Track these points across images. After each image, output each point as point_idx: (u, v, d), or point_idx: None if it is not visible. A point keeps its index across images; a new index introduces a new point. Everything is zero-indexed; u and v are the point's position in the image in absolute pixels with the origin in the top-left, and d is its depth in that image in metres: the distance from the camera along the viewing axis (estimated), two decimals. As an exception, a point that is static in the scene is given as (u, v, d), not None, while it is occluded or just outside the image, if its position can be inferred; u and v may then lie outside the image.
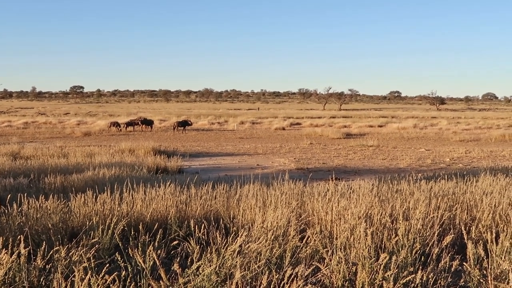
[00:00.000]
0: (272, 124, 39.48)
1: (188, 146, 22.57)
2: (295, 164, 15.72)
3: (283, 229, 4.79)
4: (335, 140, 26.65)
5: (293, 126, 39.85)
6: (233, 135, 30.43)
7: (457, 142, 25.65)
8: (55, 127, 35.26)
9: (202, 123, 40.01)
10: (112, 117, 47.99)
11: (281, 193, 6.40)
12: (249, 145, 23.62)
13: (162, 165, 13.17)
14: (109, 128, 32.72)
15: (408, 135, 30.19)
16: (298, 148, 21.93)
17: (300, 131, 33.98)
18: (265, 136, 29.74)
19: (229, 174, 12.16)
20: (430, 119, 49.36)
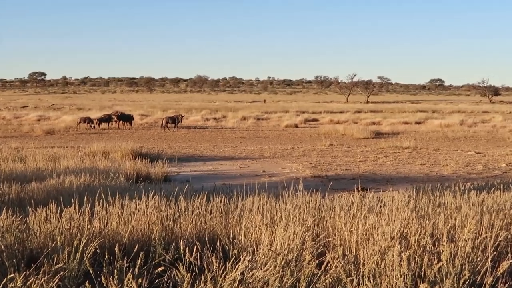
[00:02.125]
0: (282, 121, 39.56)
1: (177, 148, 22.61)
2: (311, 171, 15.71)
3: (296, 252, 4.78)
4: (361, 141, 26.61)
5: (309, 123, 39.89)
6: (233, 134, 30.47)
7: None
8: (9, 124, 35.48)
9: (194, 119, 40.14)
10: (81, 111, 48.22)
11: (294, 207, 6.39)
12: (253, 146, 23.63)
13: (143, 172, 13.18)
14: (79, 125, 32.86)
15: (453, 134, 30.13)
16: (315, 150, 21.92)
17: (317, 129, 33.99)
18: (273, 136, 29.76)
19: (228, 183, 12.17)
20: (480, 114, 49.29)
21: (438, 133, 30.71)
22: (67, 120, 36.46)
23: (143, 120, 38.86)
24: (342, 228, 5.48)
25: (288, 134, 30.94)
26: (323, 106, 63.69)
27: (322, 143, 23.96)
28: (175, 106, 60.48)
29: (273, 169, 16.34)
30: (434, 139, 27.78)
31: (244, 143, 25.52)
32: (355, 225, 5.37)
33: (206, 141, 26.25)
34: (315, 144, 24.70)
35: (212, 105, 65.62)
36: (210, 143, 25.37)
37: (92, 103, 67.98)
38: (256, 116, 44.10)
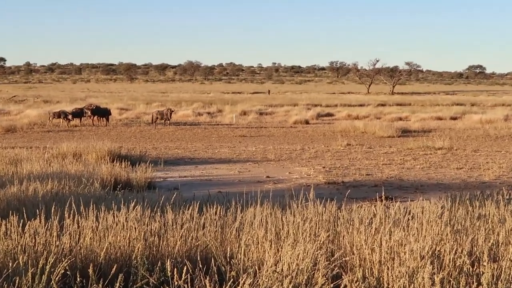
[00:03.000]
0: (290, 116, 39.58)
1: (163, 148, 22.63)
2: (324, 176, 15.71)
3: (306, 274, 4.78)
4: (386, 140, 26.61)
5: (322, 119, 39.90)
6: (231, 131, 30.50)
7: None
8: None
9: (184, 113, 40.18)
10: (48, 104, 48.31)
11: (304, 220, 6.39)
12: (254, 147, 23.65)
13: (123, 178, 13.17)
14: (51, 120, 32.89)
15: (496, 132, 30.09)
16: (329, 151, 21.93)
17: (332, 125, 34.00)
18: (279, 134, 29.78)
19: (224, 190, 12.17)
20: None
21: (478, 131, 30.68)
22: (31, 115, 36.49)
23: (123, 115, 38.91)
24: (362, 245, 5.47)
25: (297, 132, 30.93)
26: (339, 98, 63.72)
27: (338, 142, 23.94)
28: (161, 98, 60.60)
29: (279, 174, 16.34)
30: (473, 137, 27.75)
31: (244, 142, 25.53)
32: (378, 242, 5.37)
33: (198, 140, 26.25)
34: (329, 144, 24.68)
35: (205, 97, 65.67)
36: (203, 142, 25.39)
37: (61, 94, 68.08)
38: (259, 110, 44.10)
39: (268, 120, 38.69)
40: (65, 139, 23.94)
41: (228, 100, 55.66)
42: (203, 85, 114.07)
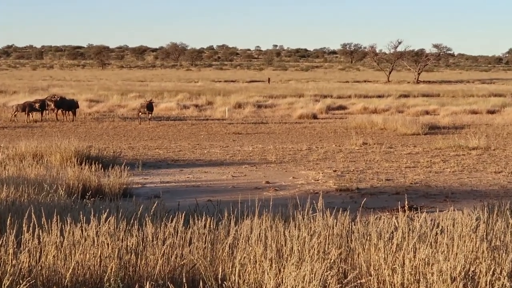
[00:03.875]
0: (295, 109, 39.51)
1: (141, 148, 22.62)
2: (335, 182, 15.71)
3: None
4: (409, 138, 26.62)
5: (333, 112, 39.89)
6: (223, 128, 30.49)
7: None
8: None
9: (166, 106, 40.13)
10: (2, 95, 48.21)
11: (311, 234, 6.39)
12: (251, 146, 23.64)
13: (93, 183, 13.15)
14: (14, 115, 32.81)
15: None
16: (342, 151, 21.93)
17: (345, 121, 33.99)
18: (282, 131, 29.77)
19: (215, 199, 12.15)
20: None
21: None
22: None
23: (93, 107, 38.83)
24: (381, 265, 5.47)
25: (303, 128, 30.91)
26: (353, 88, 63.70)
27: (352, 141, 23.94)
28: (138, 87, 60.49)
29: (281, 179, 16.33)
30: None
31: (239, 141, 25.52)
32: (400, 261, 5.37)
33: (183, 139, 26.22)
34: (342, 142, 24.67)
35: (192, 86, 65.61)
36: (190, 141, 25.36)
37: (18, 83, 67.96)
38: (257, 103, 44.04)
39: (268, 114, 38.64)
40: (24, 137, 23.88)
41: (220, 90, 55.62)
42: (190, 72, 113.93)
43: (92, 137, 26.26)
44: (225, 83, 77.72)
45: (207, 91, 53.94)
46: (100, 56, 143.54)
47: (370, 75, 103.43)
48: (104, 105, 40.49)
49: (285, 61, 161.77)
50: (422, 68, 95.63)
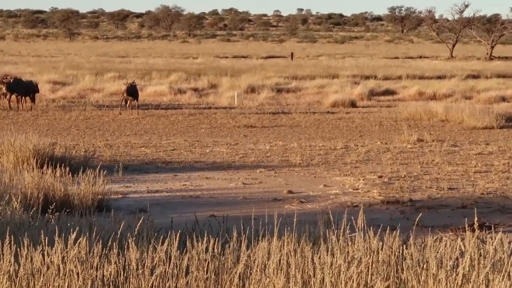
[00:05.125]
0: (326, 94, 39.39)
1: (122, 146, 22.63)
2: (381, 191, 15.64)
3: None
4: (480, 133, 26.50)
5: (377, 99, 39.77)
6: (231, 119, 30.46)
7: None
8: None
9: (156, 90, 40.14)
10: None
11: (348, 262, 6.35)
12: (269, 143, 23.60)
13: (58, 193, 13.13)
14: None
15: None
16: (389, 151, 21.85)
17: (393, 109, 33.88)
18: (309, 123, 29.71)
19: (221, 213, 12.14)
20: None
21: None
22: None
23: (57, 92, 38.91)
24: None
25: (337, 119, 30.84)
26: (405, 66, 63.56)
27: (404, 137, 23.84)
28: (118, 65, 60.60)
29: (308, 188, 16.27)
30: None
31: (252, 137, 25.50)
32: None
33: (178, 134, 26.22)
34: (389, 139, 24.59)
35: (190, 63, 65.65)
36: (187, 136, 25.35)
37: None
38: (276, 86, 43.99)
39: (291, 100, 38.61)
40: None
41: (227, 69, 55.56)
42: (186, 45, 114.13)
43: (56, 131, 26.30)
44: (233, 59, 77.82)
45: (210, 70, 53.94)
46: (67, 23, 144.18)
47: (427, 49, 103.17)
48: (72, 88, 40.56)
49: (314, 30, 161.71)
50: (496, 40, 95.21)
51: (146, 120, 30.23)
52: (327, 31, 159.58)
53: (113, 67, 57.42)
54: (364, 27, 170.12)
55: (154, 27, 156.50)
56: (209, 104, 36.33)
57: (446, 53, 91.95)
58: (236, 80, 45.36)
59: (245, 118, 30.65)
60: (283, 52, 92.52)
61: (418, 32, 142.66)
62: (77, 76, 47.36)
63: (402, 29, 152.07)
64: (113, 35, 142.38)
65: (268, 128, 27.91)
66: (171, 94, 39.54)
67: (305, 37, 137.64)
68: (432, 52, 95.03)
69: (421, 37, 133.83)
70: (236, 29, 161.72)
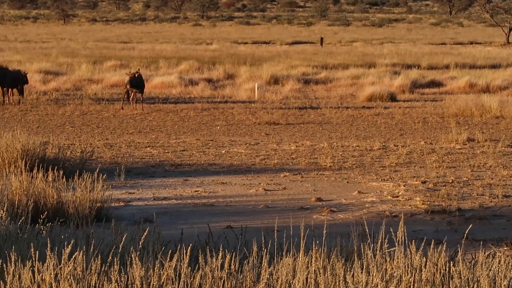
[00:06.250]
0: (362, 86, 39.30)
1: (124, 146, 22.66)
2: (424, 199, 15.62)
3: None
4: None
5: (421, 91, 39.62)
6: (251, 115, 30.43)
7: None
8: None
9: (163, 80, 40.11)
10: None
11: (386, 281, 6.36)
12: (294, 143, 23.59)
13: (50, 200, 13.17)
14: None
15: None
16: (435, 152, 21.80)
17: (439, 104, 33.81)
18: (341, 119, 29.67)
19: (238, 224, 12.13)
20: None
21: None
22: None
23: (49, 83, 38.96)
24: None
25: (374, 115, 30.79)
26: (453, 53, 63.35)
27: (452, 136, 23.79)
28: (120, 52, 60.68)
29: (340, 195, 16.27)
30: None
31: (275, 135, 25.49)
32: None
33: (190, 132, 26.24)
34: (435, 138, 24.53)
35: (203, 50, 65.62)
36: (200, 135, 25.37)
37: None
38: (303, 76, 43.92)
39: (321, 93, 38.57)
40: None
41: (246, 56, 55.59)
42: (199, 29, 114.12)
43: (48, 128, 26.38)
44: (253, 45, 77.82)
45: (226, 58, 53.94)
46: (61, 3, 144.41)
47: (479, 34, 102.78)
48: (67, 79, 40.63)
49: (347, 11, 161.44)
50: None
51: (152, 116, 30.26)
52: (362, 12, 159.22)
53: (114, 54, 57.52)
54: (406, 7, 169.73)
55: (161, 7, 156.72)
56: (225, 98, 36.30)
57: (501, 38, 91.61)
58: (256, 69, 45.36)
59: (267, 113, 30.63)
60: (311, 37, 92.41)
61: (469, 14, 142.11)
62: (72, 65, 47.49)
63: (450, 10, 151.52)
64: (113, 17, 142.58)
65: (294, 126, 27.89)
66: (181, 85, 39.51)
67: (337, 19, 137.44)
68: (485, 37, 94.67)
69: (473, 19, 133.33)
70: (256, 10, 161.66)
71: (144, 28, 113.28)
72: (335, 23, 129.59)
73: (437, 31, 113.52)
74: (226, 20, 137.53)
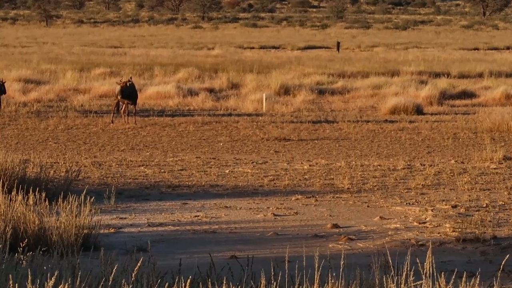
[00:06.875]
0: (384, 97, 39.29)
1: (115, 165, 22.71)
2: (455, 226, 15.62)
3: None
4: None
5: (451, 103, 39.65)
6: (259, 130, 30.46)
7: None
8: None
9: (158, 90, 40.15)
10: None
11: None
12: (308, 162, 23.62)
13: (31, 226, 13.20)
14: None
15: None
16: (467, 172, 21.80)
17: (472, 117, 33.84)
18: (361, 135, 29.69)
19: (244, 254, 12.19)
20: None
21: None
22: None
23: (30, 93, 39.02)
24: None
25: (398, 130, 30.81)
26: (487, 60, 63.35)
27: (485, 154, 23.81)
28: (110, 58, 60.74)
29: (360, 221, 16.30)
30: None
31: (285, 153, 25.53)
32: None
33: (189, 149, 26.28)
34: (467, 156, 24.55)
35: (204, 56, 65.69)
36: (200, 152, 25.40)
37: None
38: (317, 86, 43.98)
39: (337, 105, 38.63)
40: None
41: (253, 63, 55.63)
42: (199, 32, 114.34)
43: (29, 145, 26.45)
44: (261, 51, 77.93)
45: (230, 65, 53.99)
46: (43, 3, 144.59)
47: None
48: (49, 89, 40.70)
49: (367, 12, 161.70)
50: None
51: (146, 130, 30.32)
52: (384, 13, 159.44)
53: (102, 60, 57.64)
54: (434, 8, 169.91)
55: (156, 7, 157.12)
56: (229, 110, 36.37)
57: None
58: (264, 78, 45.43)
59: (276, 128, 30.70)
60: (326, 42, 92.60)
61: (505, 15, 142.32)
62: (55, 73, 47.60)
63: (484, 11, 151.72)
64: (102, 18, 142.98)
65: (307, 142, 27.94)
66: (179, 96, 39.59)
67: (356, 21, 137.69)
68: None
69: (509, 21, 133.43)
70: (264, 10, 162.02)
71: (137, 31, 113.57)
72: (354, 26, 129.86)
73: (469, 34, 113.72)
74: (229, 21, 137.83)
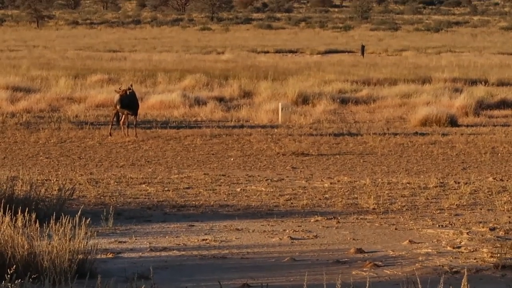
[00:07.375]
0: (413, 107, 39.37)
1: (113, 183, 22.73)
2: (493, 251, 15.57)
3: None
4: None
5: (488, 114, 39.74)
6: (274, 143, 30.53)
7: None
8: None
9: (162, 100, 40.21)
10: None
11: None
12: (328, 179, 23.62)
13: (20, 251, 13.20)
14: None
15: None
16: (506, 190, 21.76)
17: (510, 129, 33.84)
18: (387, 149, 29.74)
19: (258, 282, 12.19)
20: None
21: None
22: None
23: (19, 103, 39.17)
24: None
25: (429, 144, 30.84)
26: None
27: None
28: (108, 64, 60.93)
29: (387, 245, 16.28)
30: None
31: (303, 169, 25.55)
32: None
33: (196, 164, 26.31)
34: (506, 172, 24.55)
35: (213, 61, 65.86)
36: (208, 169, 25.43)
37: None
38: (339, 94, 44.10)
39: (361, 116, 38.70)
40: None
41: (267, 69, 55.79)
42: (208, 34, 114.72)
43: (18, 160, 26.53)
44: (276, 55, 78.14)
45: (242, 71, 54.16)
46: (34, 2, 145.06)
47: None
48: (41, 97, 40.86)
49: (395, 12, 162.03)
50: None
51: (148, 144, 30.39)
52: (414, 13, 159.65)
53: (100, 66, 57.87)
54: (470, 7, 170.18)
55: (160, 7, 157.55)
56: (240, 121, 36.45)
57: None
58: (280, 85, 45.56)
59: (293, 142, 30.75)
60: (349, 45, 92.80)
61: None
62: (47, 79, 47.80)
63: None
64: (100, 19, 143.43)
65: (328, 157, 27.99)
66: (185, 106, 39.68)
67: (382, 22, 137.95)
68: None
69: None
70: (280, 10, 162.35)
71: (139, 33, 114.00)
72: (380, 27, 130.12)
73: (508, 37, 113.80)
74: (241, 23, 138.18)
